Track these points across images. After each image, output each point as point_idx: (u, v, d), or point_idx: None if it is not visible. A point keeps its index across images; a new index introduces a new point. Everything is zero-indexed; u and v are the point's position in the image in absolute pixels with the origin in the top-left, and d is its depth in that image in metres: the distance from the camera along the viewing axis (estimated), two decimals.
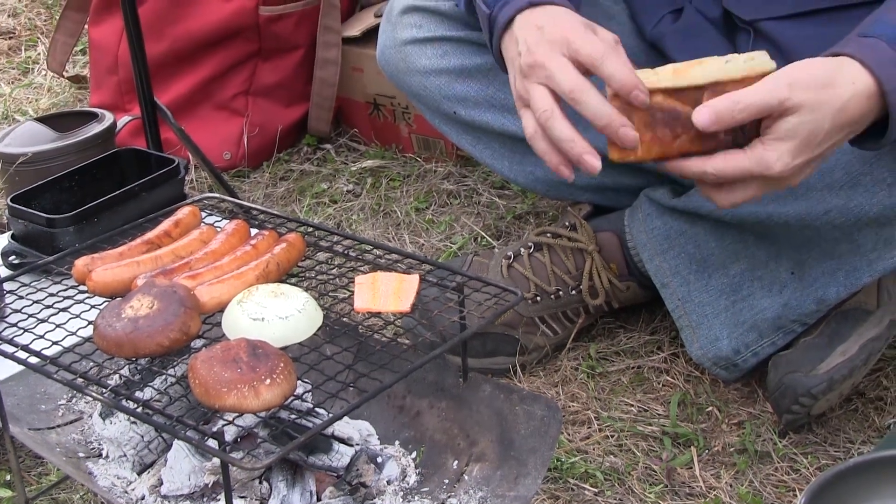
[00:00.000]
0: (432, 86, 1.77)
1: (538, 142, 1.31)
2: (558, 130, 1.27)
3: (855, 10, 1.51)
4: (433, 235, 2.16)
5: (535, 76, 1.30)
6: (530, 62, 1.30)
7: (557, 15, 1.34)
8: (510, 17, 1.38)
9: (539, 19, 1.34)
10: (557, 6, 1.37)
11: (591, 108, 1.25)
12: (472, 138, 1.82)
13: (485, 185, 2.33)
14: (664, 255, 1.67)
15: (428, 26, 1.75)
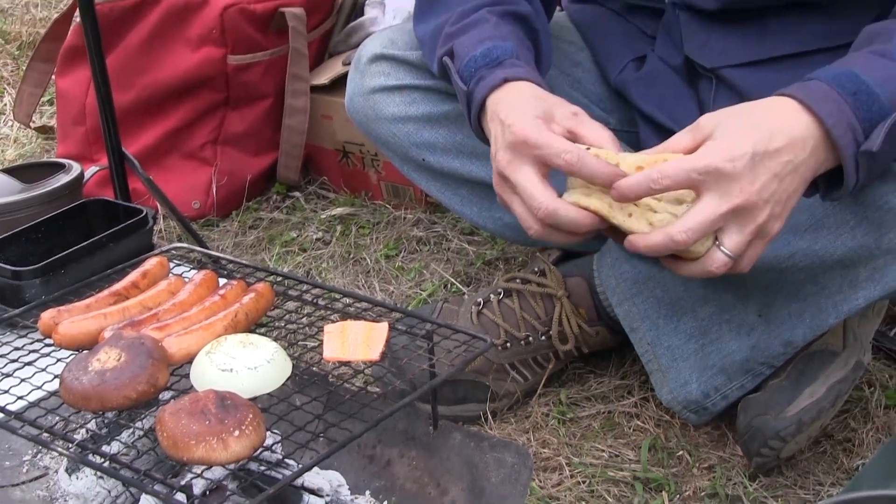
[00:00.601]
0: (401, 133, 1.77)
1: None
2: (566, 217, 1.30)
3: (813, 56, 1.55)
4: (403, 283, 2.16)
5: (506, 189, 1.34)
6: (498, 170, 1.33)
7: (521, 101, 1.36)
8: (484, 96, 1.41)
9: (504, 109, 1.36)
10: (523, 82, 1.40)
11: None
12: (440, 185, 1.82)
13: (454, 231, 2.33)
14: (633, 300, 1.67)
15: (396, 74, 1.76)
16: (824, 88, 1.26)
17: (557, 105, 1.34)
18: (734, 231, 1.24)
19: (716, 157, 1.21)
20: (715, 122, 1.25)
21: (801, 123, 1.25)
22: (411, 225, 2.37)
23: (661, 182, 1.22)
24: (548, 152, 1.28)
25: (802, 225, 1.50)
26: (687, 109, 1.65)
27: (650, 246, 1.24)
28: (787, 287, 1.55)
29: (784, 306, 1.57)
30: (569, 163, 1.26)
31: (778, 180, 1.23)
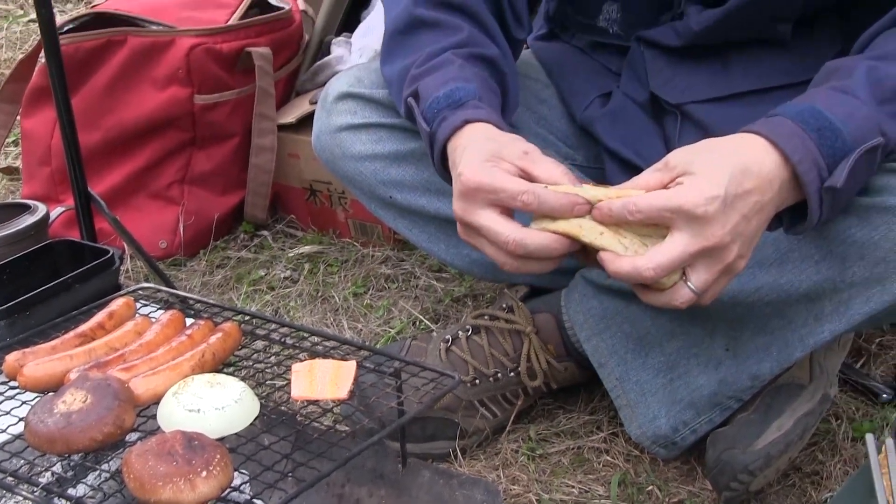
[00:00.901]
0: (367, 171, 1.77)
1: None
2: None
3: (777, 92, 1.57)
4: (371, 320, 2.16)
5: (471, 234, 1.34)
6: (457, 219, 1.34)
7: (473, 145, 1.36)
8: (446, 137, 1.42)
9: (458, 155, 1.37)
10: (481, 124, 1.40)
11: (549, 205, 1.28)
12: (408, 222, 1.82)
13: (422, 268, 2.33)
14: (601, 335, 1.67)
15: (362, 113, 1.76)
16: (789, 125, 1.28)
17: (508, 145, 1.34)
18: (702, 269, 1.25)
19: (688, 199, 1.21)
20: (685, 159, 1.25)
21: (770, 162, 1.25)
22: (379, 262, 2.37)
23: (634, 214, 1.23)
24: (503, 196, 1.28)
25: (768, 259, 1.51)
26: (653, 145, 1.66)
27: (618, 272, 1.25)
28: (754, 321, 1.56)
29: (751, 340, 1.58)
30: (526, 203, 1.27)
31: (746, 220, 1.24)
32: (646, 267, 1.23)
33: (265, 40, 2.50)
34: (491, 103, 1.47)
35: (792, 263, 1.50)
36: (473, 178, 1.29)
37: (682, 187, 1.22)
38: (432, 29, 1.57)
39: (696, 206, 1.20)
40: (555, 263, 1.32)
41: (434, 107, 1.45)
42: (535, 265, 1.31)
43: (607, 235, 1.26)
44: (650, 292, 1.29)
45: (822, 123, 1.27)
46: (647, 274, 1.23)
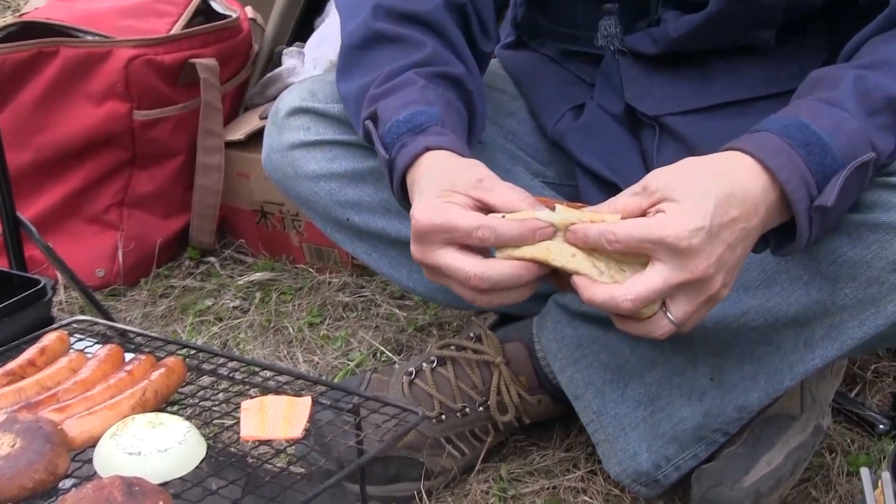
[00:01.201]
0: (322, 191, 1.77)
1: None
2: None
3: (759, 103, 1.58)
4: (328, 353, 2.15)
5: (434, 274, 1.35)
6: (417, 261, 1.35)
7: (426, 179, 1.37)
8: (406, 165, 1.42)
9: (414, 189, 1.38)
10: (441, 152, 1.40)
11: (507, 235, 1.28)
12: (367, 246, 1.82)
13: (383, 295, 2.33)
14: (576, 365, 1.67)
15: (316, 129, 1.76)
16: (775, 140, 1.28)
17: (461, 174, 1.34)
18: (683, 300, 1.26)
19: (671, 231, 1.21)
20: (665, 184, 1.25)
21: (756, 184, 1.26)
22: (336, 290, 2.37)
23: (613, 244, 1.23)
24: (457, 235, 1.28)
25: (754, 281, 1.52)
26: (629, 160, 1.66)
27: (592, 300, 1.25)
28: (740, 348, 1.56)
29: (737, 368, 1.58)
30: (482, 238, 1.27)
31: (731, 249, 1.25)
32: (623, 297, 1.24)
33: (211, 51, 2.49)
34: (455, 128, 1.47)
35: (779, 286, 1.51)
36: (424, 219, 1.30)
37: (663, 217, 1.23)
38: (393, 44, 1.57)
39: (680, 238, 1.21)
40: (529, 290, 1.32)
41: (394, 131, 1.45)
42: (507, 296, 1.31)
43: (580, 258, 1.27)
44: (627, 321, 1.29)
45: (810, 138, 1.28)
46: (624, 305, 1.24)
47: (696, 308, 1.26)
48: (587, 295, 1.26)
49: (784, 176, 1.26)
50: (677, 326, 1.27)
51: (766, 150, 1.27)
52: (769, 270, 1.51)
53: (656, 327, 1.27)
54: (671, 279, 1.23)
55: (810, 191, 1.27)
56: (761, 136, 1.30)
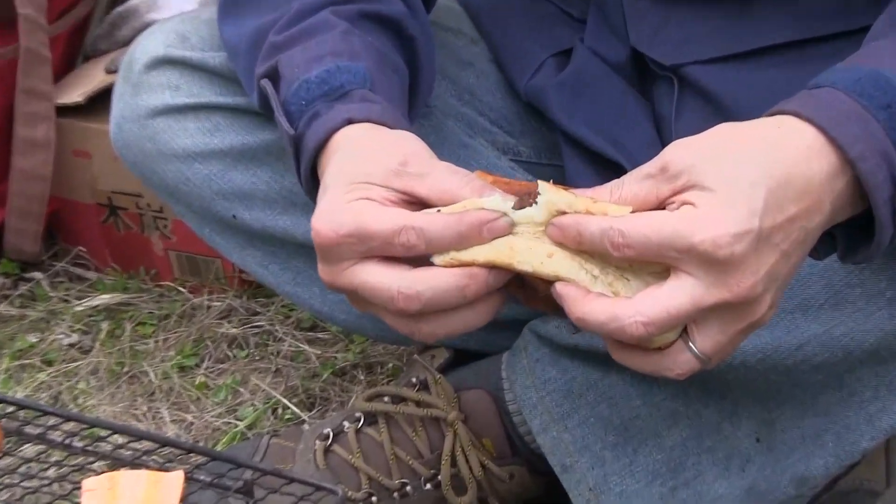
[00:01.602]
0: (198, 177, 1.77)
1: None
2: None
3: (821, 46, 1.57)
4: (208, 408, 2.14)
5: (357, 300, 1.33)
6: (328, 285, 1.33)
7: (335, 173, 1.34)
8: (319, 144, 1.39)
9: (328, 178, 1.34)
10: (368, 127, 1.39)
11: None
12: (262, 255, 1.82)
13: (286, 325, 2.34)
14: (565, 422, 1.66)
15: (188, 88, 1.76)
16: (843, 101, 1.24)
17: (377, 156, 1.31)
18: (714, 327, 1.22)
19: (706, 234, 1.17)
20: (693, 163, 1.20)
21: (821, 166, 1.22)
22: (219, 317, 2.37)
23: (622, 249, 1.19)
24: (374, 244, 1.25)
25: (815, 300, 1.51)
26: (636, 128, 1.66)
27: (586, 319, 1.21)
28: (797, 395, 1.56)
29: (793, 424, 1.58)
30: (408, 245, 1.23)
31: (785, 259, 1.22)
32: (632, 319, 1.19)
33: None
34: (389, 91, 1.45)
35: (852, 306, 1.49)
36: (326, 230, 1.26)
37: (693, 213, 1.18)
38: None
39: (718, 246, 1.16)
40: (486, 312, 1.28)
41: (302, 96, 1.43)
42: (454, 321, 1.27)
43: (560, 258, 1.22)
44: (631, 352, 1.26)
45: (893, 97, 1.24)
46: (633, 329, 1.19)
47: (730, 338, 1.23)
48: (579, 311, 1.21)
49: (857, 151, 1.22)
50: (703, 362, 1.23)
51: (832, 116, 1.23)
52: (837, 285, 1.50)
53: (673, 362, 1.23)
54: (703, 299, 1.18)
55: (892, 171, 1.24)
56: (824, 95, 1.26)
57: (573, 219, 1.21)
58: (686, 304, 1.18)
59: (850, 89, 1.25)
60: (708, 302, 1.18)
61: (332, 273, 1.28)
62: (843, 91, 1.24)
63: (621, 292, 1.22)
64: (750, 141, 1.23)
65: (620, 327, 1.19)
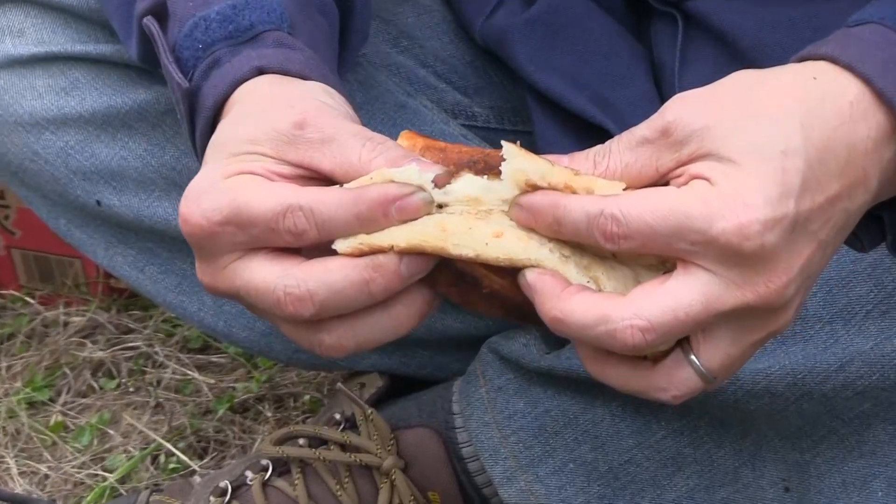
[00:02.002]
0: (51, 151, 1.78)
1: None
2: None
3: None
4: (67, 456, 2.14)
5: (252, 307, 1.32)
6: (210, 289, 1.32)
7: (225, 132, 1.33)
8: (220, 99, 1.37)
9: (208, 148, 1.33)
10: (284, 80, 1.37)
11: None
12: (136, 253, 1.83)
13: (169, 346, 2.35)
14: (536, 470, 1.68)
15: (37, 33, 1.76)
16: (892, 40, 1.25)
17: (271, 116, 1.29)
18: (726, 339, 1.21)
19: (728, 221, 1.15)
20: (704, 124, 1.20)
21: (867, 129, 1.22)
22: (80, 335, 2.38)
23: (617, 239, 1.17)
24: (255, 232, 1.24)
25: (861, 306, 1.53)
26: (629, 81, 1.68)
27: (562, 320, 1.19)
28: (838, 430, 1.58)
29: (833, 468, 1.60)
30: (297, 231, 1.22)
31: (821, 251, 1.21)
32: (627, 322, 1.17)
33: None
34: (312, 35, 1.45)
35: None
36: (196, 217, 1.25)
37: (711, 193, 1.17)
38: None
39: (745, 237, 1.15)
40: (409, 316, 1.26)
41: (198, 37, 1.42)
42: (369, 328, 1.25)
43: (513, 238, 1.21)
44: (616, 365, 1.24)
45: None
46: (627, 337, 1.17)
47: (743, 351, 1.22)
48: (556, 309, 1.19)
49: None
50: (707, 381, 1.22)
51: (880, 62, 1.23)
52: (889, 286, 1.52)
53: (668, 380, 1.22)
54: (720, 301, 1.17)
55: None
56: (868, 35, 1.26)
57: (548, 198, 1.18)
58: (698, 306, 1.16)
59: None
60: (727, 305, 1.16)
61: (211, 273, 1.27)
62: (891, 27, 1.25)
63: (603, 280, 1.21)
64: (778, 96, 1.22)
65: (611, 332, 1.17)
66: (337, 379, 1.91)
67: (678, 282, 1.18)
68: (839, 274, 1.50)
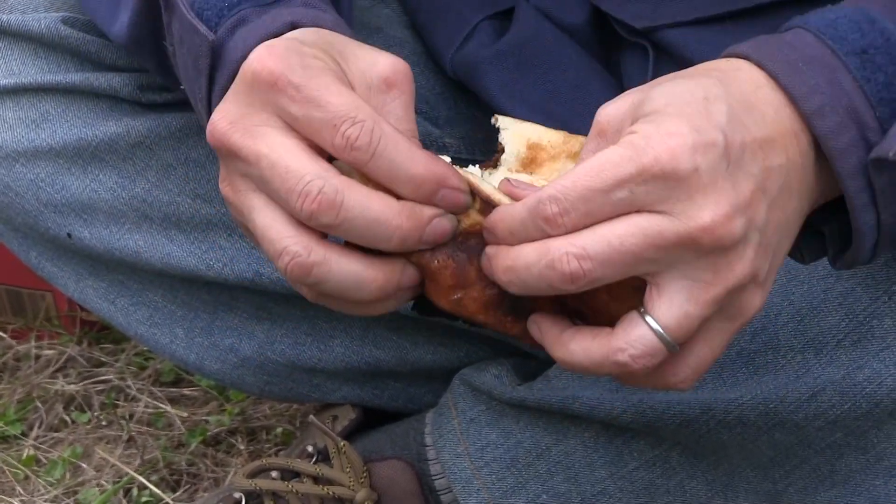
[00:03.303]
0: (21, 184, 1.77)
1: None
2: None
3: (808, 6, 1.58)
4: (39, 490, 2.13)
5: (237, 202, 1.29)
6: (221, 146, 1.27)
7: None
8: (245, 53, 1.32)
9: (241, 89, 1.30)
10: (323, 31, 1.35)
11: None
12: (107, 286, 1.83)
13: (141, 379, 2.35)
14: (509, 500, 1.69)
15: (6, 64, 1.76)
16: (808, 43, 1.26)
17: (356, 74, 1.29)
18: (680, 291, 1.19)
19: (657, 148, 1.16)
20: (630, 105, 1.22)
21: (776, 112, 1.23)
22: (52, 370, 2.37)
23: (560, 221, 1.16)
24: (317, 116, 1.21)
25: (831, 335, 1.54)
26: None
27: (513, 267, 1.18)
28: (810, 459, 1.59)
29: (806, 498, 1.61)
30: (353, 141, 1.20)
31: (766, 200, 1.21)
32: (562, 250, 1.16)
33: None
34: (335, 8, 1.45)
35: (879, 342, 1.53)
36: (272, 62, 1.24)
37: (634, 136, 1.18)
38: None
39: (676, 158, 1.15)
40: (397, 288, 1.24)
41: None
42: (347, 275, 1.22)
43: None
44: (577, 336, 1.22)
45: (873, 40, 1.26)
46: (563, 265, 1.16)
47: (701, 311, 1.19)
48: (506, 259, 1.19)
49: (813, 105, 1.23)
50: (666, 344, 1.20)
51: (787, 59, 1.25)
52: (860, 315, 1.53)
53: (626, 340, 1.20)
54: (659, 234, 1.16)
55: (864, 133, 1.24)
56: (789, 37, 1.28)
57: (497, 214, 1.21)
58: (635, 237, 1.16)
59: (822, 31, 1.25)
60: (668, 239, 1.15)
61: (242, 120, 1.25)
62: (814, 32, 1.26)
63: None
64: (695, 70, 1.25)
65: (550, 263, 1.18)
66: (309, 411, 1.91)
67: (619, 219, 1.17)
68: (810, 303, 1.51)
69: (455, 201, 1.22)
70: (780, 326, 1.52)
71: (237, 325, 1.79)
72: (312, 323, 1.80)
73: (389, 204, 1.20)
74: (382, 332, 1.79)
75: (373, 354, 1.82)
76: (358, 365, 1.83)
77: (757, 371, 1.54)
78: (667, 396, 1.55)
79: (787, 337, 1.52)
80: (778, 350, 1.54)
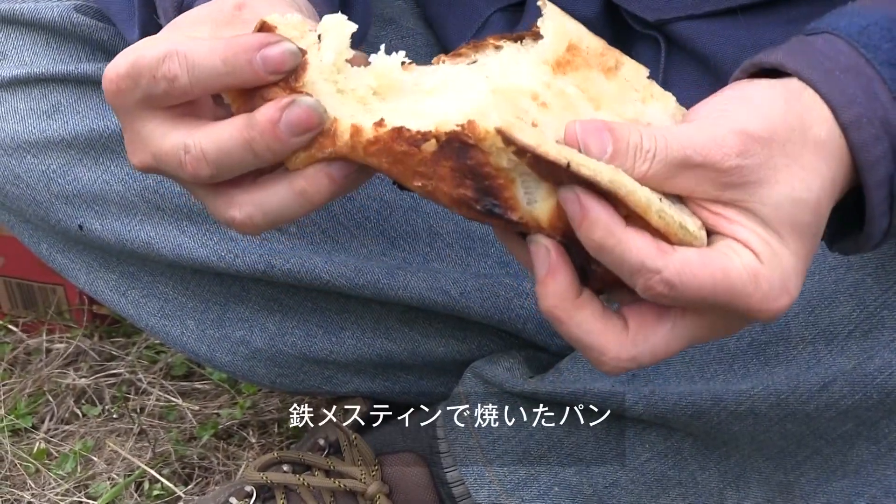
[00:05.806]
0: (33, 175, 1.77)
1: None
2: None
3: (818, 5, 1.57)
4: (50, 483, 2.13)
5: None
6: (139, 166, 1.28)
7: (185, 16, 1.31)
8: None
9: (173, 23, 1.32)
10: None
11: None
12: (118, 278, 1.83)
13: (152, 373, 2.34)
14: (520, 494, 1.69)
15: (18, 54, 1.76)
16: (841, 50, 1.26)
17: (211, 8, 1.30)
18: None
19: (771, 307, 1.16)
20: (759, 178, 1.18)
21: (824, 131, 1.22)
22: (63, 364, 2.37)
23: (658, 299, 1.14)
24: (143, 82, 1.23)
25: (843, 326, 1.54)
26: None
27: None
28: (822, 450, 1.60)
29: (817, 489, 1.61)
30: (171, 77, 1.21)
31: None
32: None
33: None
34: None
35: (890, 332, 1.53)
36: (107, 75, 1.25)
37: (760, 272, 1.15)
38: None
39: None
40: (317, 193, 1.21)
41: None
42: (276, 206, 1.22)
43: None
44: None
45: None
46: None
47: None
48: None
49: (851, 116, 1.23)
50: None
51: (825, 68, 1.24)
52: (870, 305, 1.53)
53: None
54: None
55: (894, 143, 1.24)
56: (820, 43, 1.27)
57: (605, 222, 1.12)
58: None
59: (855, 38, 1.25)
60: None
61: (132, 146, 1.26)
62: (844, 38, 1.25)
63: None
64: (817, 162, 1.22)
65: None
66: (320, 404, 1.91)
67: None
68: (821, 294, 1.52)
69: (273, 61, 1.19)
70: (792, 317, 1.53)
71: (248, 316, 1.78)
72: (324, 314, 1.80)
73: (235, 124, 1.20)
74: (394, 324, 1.79)
75: (384, 346, 1.82)
76: (369, 357, 1.82)
77: (768, 362, 1.55)
78: (678, 388, 1.56)
79: (799, 328, 1.53)
80: (789, 341, 1.54)
